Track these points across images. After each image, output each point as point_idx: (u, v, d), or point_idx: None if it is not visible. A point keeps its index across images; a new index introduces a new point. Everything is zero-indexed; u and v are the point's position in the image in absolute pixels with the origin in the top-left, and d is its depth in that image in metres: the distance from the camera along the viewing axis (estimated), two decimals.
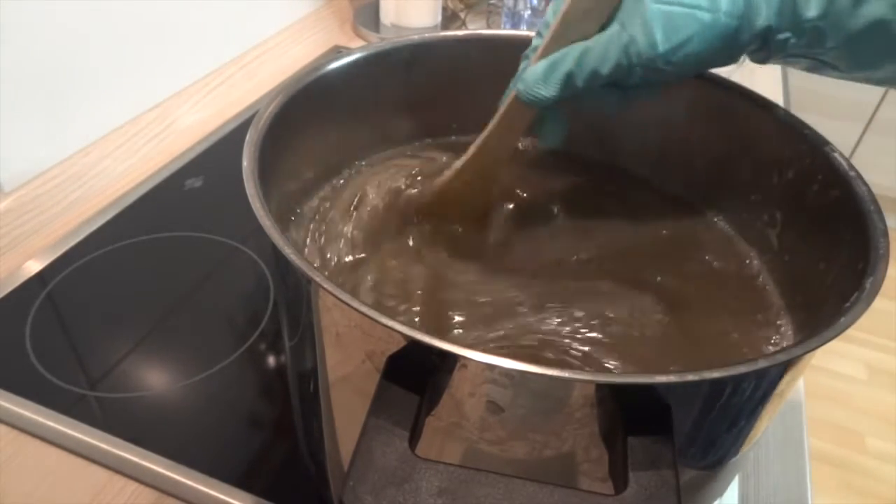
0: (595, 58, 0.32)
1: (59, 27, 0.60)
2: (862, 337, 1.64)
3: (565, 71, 0.32)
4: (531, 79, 0.33)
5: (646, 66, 0.31)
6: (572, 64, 0.32)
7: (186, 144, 0.72)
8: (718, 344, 0.35)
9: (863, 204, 0.32)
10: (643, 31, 0.30)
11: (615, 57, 0.31)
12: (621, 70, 0.32)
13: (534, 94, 0.33)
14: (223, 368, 0.48)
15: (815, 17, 0.29)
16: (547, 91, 0.33)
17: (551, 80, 0.33)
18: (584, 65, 0.32)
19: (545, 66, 0.33)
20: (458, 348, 0.23)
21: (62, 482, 0.42)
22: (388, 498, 0.22)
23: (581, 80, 0.32)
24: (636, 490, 0.22)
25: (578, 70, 0.32)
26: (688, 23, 0.30)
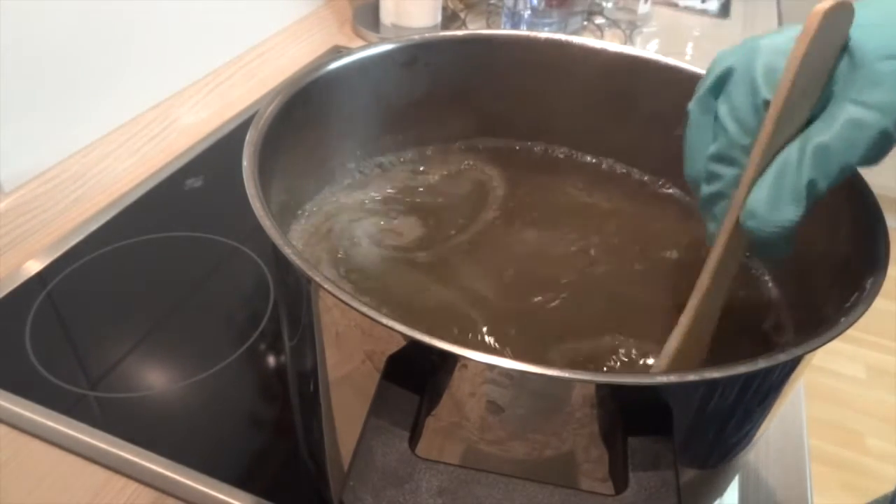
0: (839, 151, 0.26)
1: (59, 27, 0.60)
2: (862, 337, 1.64)
3: (807, 178, 0.26)
4: (762, 208, 0.26)
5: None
6: (811, 170, 0.26)
7: (186, 144, 0.72)
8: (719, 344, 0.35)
9: (863, 204, 0.32)
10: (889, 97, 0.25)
11: (867, 139, 0.25)
12: (875, 153, 0.26)
13: (773, 222, 0.26)
14: (223, 368, 0.48)
15: None
16: (790, 213, 0.26)
17: (789, 196, 0.26)
18: (827, 164, 0.26)
19: (771, 183, 0.26)
20: (458, 348, 0.23)
21: (62, 482, 0.42)
22: (388, 498, 0.22)
23: (826, 183, 0.26)
24: (636, 490, 0.22)
25: (820, 172, 0.26)
26: None
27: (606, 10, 1.03)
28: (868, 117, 0.25)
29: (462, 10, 1.03)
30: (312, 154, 0.41)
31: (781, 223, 0.26)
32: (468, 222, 0.42)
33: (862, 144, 0.25)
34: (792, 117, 0.27)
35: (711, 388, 0.25)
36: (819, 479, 1.33)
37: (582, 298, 0.37)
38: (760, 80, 0.27)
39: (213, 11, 0.77)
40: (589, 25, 1.00)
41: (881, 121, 0.25)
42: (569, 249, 0.41)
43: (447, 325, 0.35)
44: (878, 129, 0.25)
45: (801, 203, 0.26)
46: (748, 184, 0.27)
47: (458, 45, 0.45)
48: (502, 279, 0.38)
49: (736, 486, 0.44)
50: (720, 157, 0.29)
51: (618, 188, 0.46)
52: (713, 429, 0.28)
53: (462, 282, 0.38)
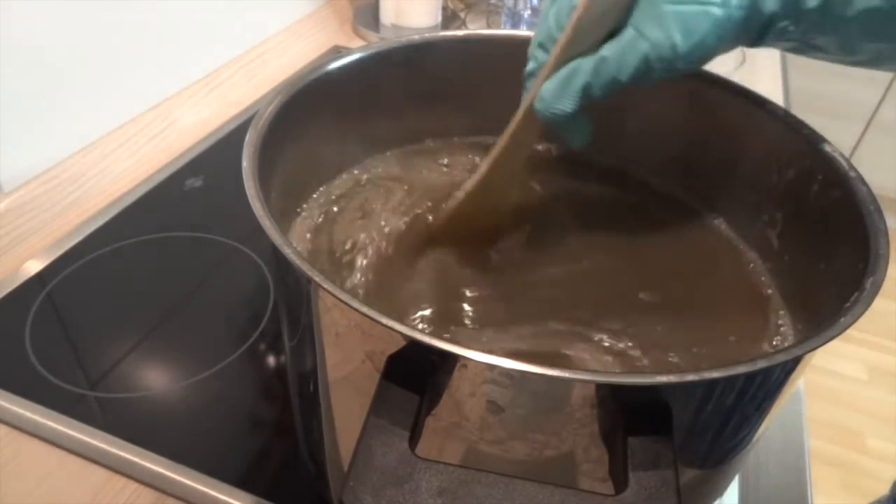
0: (613, 66, 0.31)
1: (59, 27, 0.60)
2: (862, 337, 1.64)
3: (582, 83, 0.32)
4: (548, 95, 0.33)
5: (665, 68, 0.31)
6: (589, 75, 0.32)
7: (186, 144, 0.72)
8: (719, 344, 0.35)
9: (863, 204, 0.32)
10: (662, 34, 0.30)
11: (634, 63, 0.31)
12: (639, 75, 0.31)
13: (552, 110, 0.33)
14: (223, 368, 0.48)
15: (814, 7, 0.30)
16: (565, 105, 0.33)
17: (568, 94, 0.32)
18: (602, 74, 0.32)
19: (560, 81, 0.33)
20: (458, 348, 0.23)
21: (62, 482, 0.42)
22: (388, 498, 0.22)
23: (599, 90, 0.32)
24: (636, 490, 0.22)
25: (596, 80, 0.32)
26: (703, 20, 0.30)
27: None
28: (640, 44, 0.31)
29: (462, 10, 1.03)
30: (312, 154, 0.41)
31: (558, 111, 0.33)
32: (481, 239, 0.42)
33: (630, 65, 0.31)
34: (591, 29, 0.32)
35: (711, 388, 0.25)
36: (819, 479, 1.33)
37: (566, 293, 0.38)
38: None
39: (213, 11, 0.77)
40: None
41: (647, 50, 0.31)
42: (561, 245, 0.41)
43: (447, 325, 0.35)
44: (642, 54, 0.31)
45: (575, 100, 0.32)
46: (546, 73, 0.33)
47: (458, 45, 0.45)
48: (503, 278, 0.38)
49: (736, 486, 0.44)
50: (539, 44, 0.34)
51: (615, 187, 0.46)
52: (713, 429, 0.28)
53: (462, 281, 0.38)
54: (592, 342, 0.34)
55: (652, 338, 0.35)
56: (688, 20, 0.30)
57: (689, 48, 0.30)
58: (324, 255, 0.39)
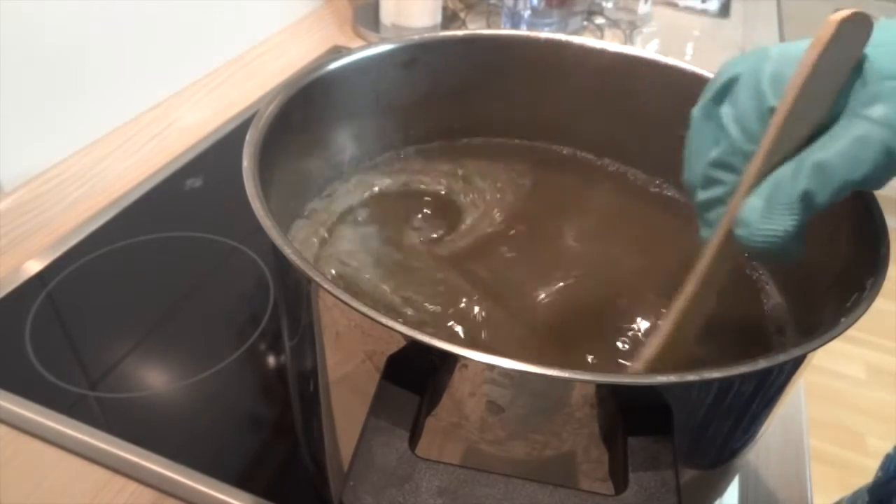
0: (844, 165, 0.25)
1: (59, 27, 0.60)
2: (862, 337, 1.64)
3: (801, 190, 0.25)
4: (752, 214, 0.26)
5: None
6: (811, 180, 0.25)
7: (186, 144, 0.72)
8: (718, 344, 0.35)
9: (863, 204, 0.32)
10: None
11: (874, 157, 0.25)
12: (879, 171, 0.25)
13: (764, 232, 0.26)
14: (223, 368, 0.48)
15: None
16: (781, 223, 0.26)
17: (782, 208, 0.26)
18: (830, 177, 0.25)
19: (766, 194, 0.26)
20: (458, 348, 0.23)
21: (62, 482, 0.42)
22: (388, 498, 0.22)
23: (826, 197, 0.25)
24: (636, 490, 0.22)
25: (821, 185, 0.25)
26: None
27: (606, 10, 1.03)
28: (873, 133, 0.25)
29: (462, 10, 1.03)
30: (312, 154, 0.41)
31: (771, 233, 0.26)
32: (469, 221, 0.42)
33: (866, 160, 0.25)
34: (797, 127, 0.26)
35: (711, 389, 0.25)
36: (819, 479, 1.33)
37: (573, 296, 0.37)
38: (767, 86, 0.27)
39: (213, 11, 0.77)
40: (589, 25, 1.00)
41: (886, 137, 0.24)
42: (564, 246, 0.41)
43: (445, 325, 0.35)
44: (882, 145, 0.24)
45: (795, 214, 0.25)
46: (745, 191, 0.27)
47: (458, 45, 0.45)
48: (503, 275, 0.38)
49: (736, 486, 0.44)
50: (721, 163, 0.28)
51: (616, 188, 0.46)
52: (713, 429, 0.28)
53: (462, 280, 0.38)
54: None
55: None
56: None
57: None
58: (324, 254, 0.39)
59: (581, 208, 0.44)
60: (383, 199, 0.44)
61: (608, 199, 0.45)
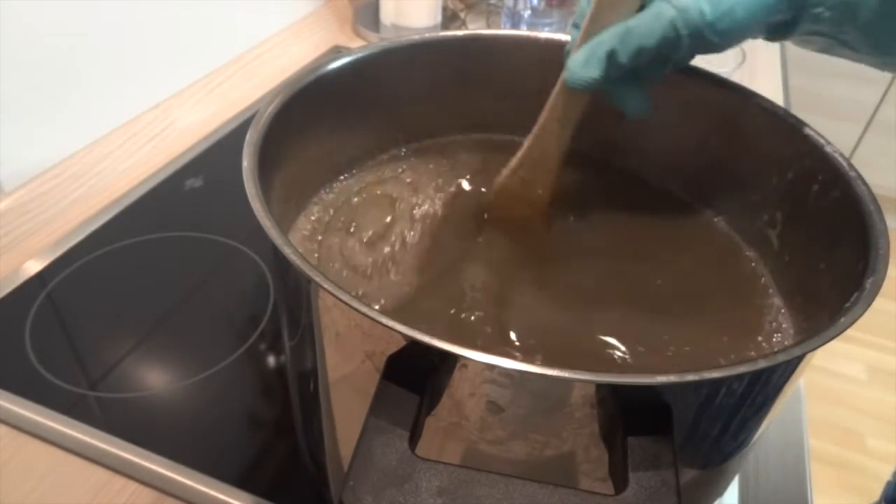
0: (640, 33, 0.32)
1: (59, 27, 0.60)
2: (862, 337, 1.64)
3: (607, 49, 0.32)
4: (574, 64, 0.34)
5: (693, 36, 0.31)
6: (615, 42, 0.32)
7: (186, 144, 0.72)
8: (719, 344, 0.35)
9: (863, 204, 0.32)
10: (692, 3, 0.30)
11: (662, 30, 0.31)
12: (667, 43, 0.31)
13: (579, 78, 0.34)
14: (223, 368, 0.48)
15: None
16: (591, 72, 0.33)
17: (593, 61, 0.33)
18: (628, 41, 0.32)
19: (586, 49, 0.33)
20: (458, 348, 0.23)
21: (62, 482, 0.42)
22: (388, 498, 0.22)
23: (625, 57, 0.32)
24: (636, 490, 0.22)
25: (622, 47, 0.32)
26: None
27: None
28: (666, 10, 0.31)
29: (462, 10, 1.03)
30: (312, 154, 0.41)
31: (584, 79, 0.34)
32: (468, 221, 0.42)
33: (656, 31, 0.31)
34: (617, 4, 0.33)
35: (711, 388, 0.25)
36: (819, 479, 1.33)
37: (570, 291, 0.38)
38: None
39: (213, 11, 0.77)
40: None
41: (674, 15, 0.31)
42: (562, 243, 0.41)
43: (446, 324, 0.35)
44: (670, 20, 0.31)
45: (601, 67, 0.33)
46: (576, 47, 0.35)
47: (458, 45, 0.45)
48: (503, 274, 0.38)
49: (736, 486, 0.44)
50: (574, 24, 0.36)
51: (615, 186, 0.46)
52: (713, 429, 0.28)
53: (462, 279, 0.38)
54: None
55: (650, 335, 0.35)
56: None
57: (717, 16, 0.30)
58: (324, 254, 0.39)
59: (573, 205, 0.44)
60: (383, 199, 0.44)
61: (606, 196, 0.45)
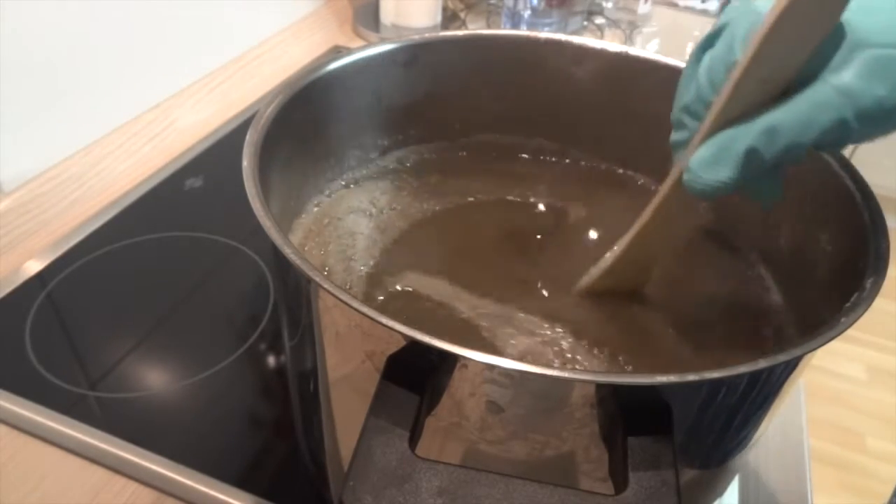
0: (793, 127, 0.25)
1: (59, 27, 0.60)
2: (862, 337, 1.64)
3: (746, 146, 0.26)
4: (697, 165, 0.27)
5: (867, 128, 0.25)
6: (758, 138, 0.26)
7: (186, 144, 0.72)
8: (719, 344, 0.35)
9: (863, 204, 0.32)
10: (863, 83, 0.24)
11: (824, 123, 0.25)
12: (828, 138, 0.25)
13: (705, 182, 0.27)
14: (223, 368, 0.48)
15: None
16: (721, 174, 0.26)
17: (727, 160, 0.26)
18: (776, 137, 0.25)
19: (714, 145, 0.27)
20: (458, 348, 0.23)
21: (62, 482, 0.42)
22: (388, 498, 0.22)
23: (770, 156, 0.26)
24: (636, 490, 0.22)
25: (766, 145, 0.26)
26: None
27: (606, 10, 1.03)
28: (832, 100, 0.25)
29: (462, 10, 1.03)
30: (312, 154, 0.41)
31: (711, 183, 0.27)
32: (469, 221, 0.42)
33: (817, 127, 0.25)
34: (757, 84, 0.26)
35: (711, 388, 0.25)
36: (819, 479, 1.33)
37: (561, 296, 0.38)
38: (739, 39, 0.26)
39: (213, 12, 0.77)
40: (589, 25, 1.00)
41: (842, 105, 0.24)
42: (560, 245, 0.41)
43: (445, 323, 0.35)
44: (837, 112, 0.24)
45: (737, 168, 0.26)
46: (700, 140, 0.27)
47: (458, 45, 0.45)
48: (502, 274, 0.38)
49: (736, 486, 0.44)
50: (688, 109, 0.29)
51: (615, 189, 0.46)
52: (713, 429, 0.28)
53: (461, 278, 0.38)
54: None
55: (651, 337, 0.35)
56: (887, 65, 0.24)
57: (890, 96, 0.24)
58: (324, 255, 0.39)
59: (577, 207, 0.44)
60: (383, 199, 0.44)
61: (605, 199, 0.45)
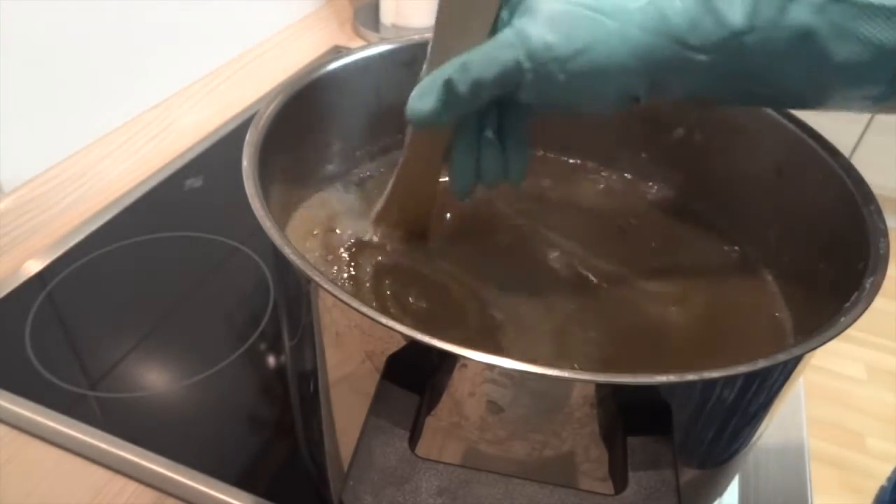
0: (479, 62, 0.28)
1: (59, 27, 0.60)
2: (862, 337, 1.64)
3: (444, 78, 0.29)
4: (412, 98, 0.30)
5: (539, 71, 0.27)
6: (452, 70, 0.28)
7: (186, 144, 0.72)
8: (718, 344, 0.35)
9: (863, 204, 0.32)
10: (536, 29, 0.27)
11: (502, 60, 0.27)
12: (509, 76, 0.28)
13: (417, 110, 0.30)
14: (223, 368, 0.48)
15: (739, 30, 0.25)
16: (425, 104, 0.29)
17: (429, 92, 0.29)
18: (467, 70, 0.28)
19: (424, 82, 0.30)
20: (458, 348, 0.23)
21: (62, 482, 0.42)
22: (388, 498, 0.22)
23: (464, 88, 0.28)
24: (636, 490, 0.22)
25: (460, 77, 0.28)
26: (590, 27, 0.26)
27: None
28: (509, 38, 0.27)
29: None
30: (312, 154, 0.41)
31: (419, 110, 0.29)
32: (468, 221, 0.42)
33: (497, 62, 0.27)
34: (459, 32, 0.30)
35: (711, 388, 0.25)
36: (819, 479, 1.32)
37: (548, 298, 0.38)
38: None
39: (213, 11, 0.77)
40: None
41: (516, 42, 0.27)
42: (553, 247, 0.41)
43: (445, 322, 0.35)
44: (511, 48, 0.27)
45: (436, 98, 0.29)
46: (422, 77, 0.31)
47: None
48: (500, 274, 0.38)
49: (736, 486, 0.44)
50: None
51: (614, 190, 0.46)
52: (713, 429, 0.28)
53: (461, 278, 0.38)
54: None
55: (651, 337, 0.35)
56: (570, 21, 0.26)
57: (566, 52, 0.26)
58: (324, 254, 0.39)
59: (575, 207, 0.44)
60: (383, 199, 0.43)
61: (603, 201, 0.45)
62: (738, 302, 0.38)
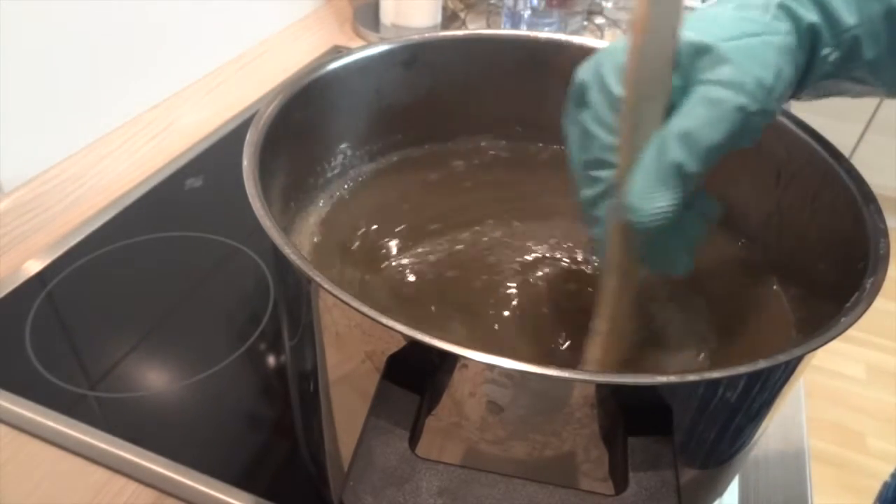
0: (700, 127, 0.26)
1: (59, 27, 0.60)
2: (862, 337, 1.64)
3: (671, 162, 0.26)
4: (638, 195, 0.26)
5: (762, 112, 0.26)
6: (679, 151, 0.26)
7: (186, 144, 0.72)
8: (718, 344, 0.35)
9: (863, 204, 0.32)
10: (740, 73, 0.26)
11: (728, 117, 0.26)
12: (736, 130, 0.26)
13: (654, 212, 0.26)
14: (223, 368, 0.48)
15: (853, 25, 0.28)
16: (666, 198, 0.26)
17: (663, 181, 0.26)
18: (694, 142, 0.26)
19: (645, 173, 0.26)
20: (458, 348, 0.23)
21: (62, 482, 0.42)
22: (388, 498, 0.22)
23: (696, 165, 0.26)
24: (636, 490, 0.22)
25: (688, 153, 0.26)
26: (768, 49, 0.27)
27: (606, 10, 1.03)
28: (721, 93, 0.26)
29: (462, 10, 1.03)
30: (312, 154, 0.41)
31: (660, 209, 0.26)
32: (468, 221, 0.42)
33: (723, 121, 0.26)
34: (649, 107, 0.27)
35: (711, 388, 0.25)
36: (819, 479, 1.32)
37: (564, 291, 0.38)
38: (611, 79, 0.28)
39: (212, 11, 0.77)
40: (589, 25, 1.00)
41: (733, 95, 0.26)
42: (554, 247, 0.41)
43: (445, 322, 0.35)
44: (734, 104, 0.26)
45: (675, 187, 0.26)
46: (621, 177, 0.27)
47: (458, 45, 0.45)
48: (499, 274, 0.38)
49: (736, 486, 0.44)
50: (594, 162, 0.29)
51: None
52: (713, 429, 0.28)
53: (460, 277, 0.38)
54: None
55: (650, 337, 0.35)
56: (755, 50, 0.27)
57: (772, 81, 0.26)
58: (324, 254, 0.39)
59: None
60: (383, 199, 0.44)
61: None
62: (738, 302, 0.38)
